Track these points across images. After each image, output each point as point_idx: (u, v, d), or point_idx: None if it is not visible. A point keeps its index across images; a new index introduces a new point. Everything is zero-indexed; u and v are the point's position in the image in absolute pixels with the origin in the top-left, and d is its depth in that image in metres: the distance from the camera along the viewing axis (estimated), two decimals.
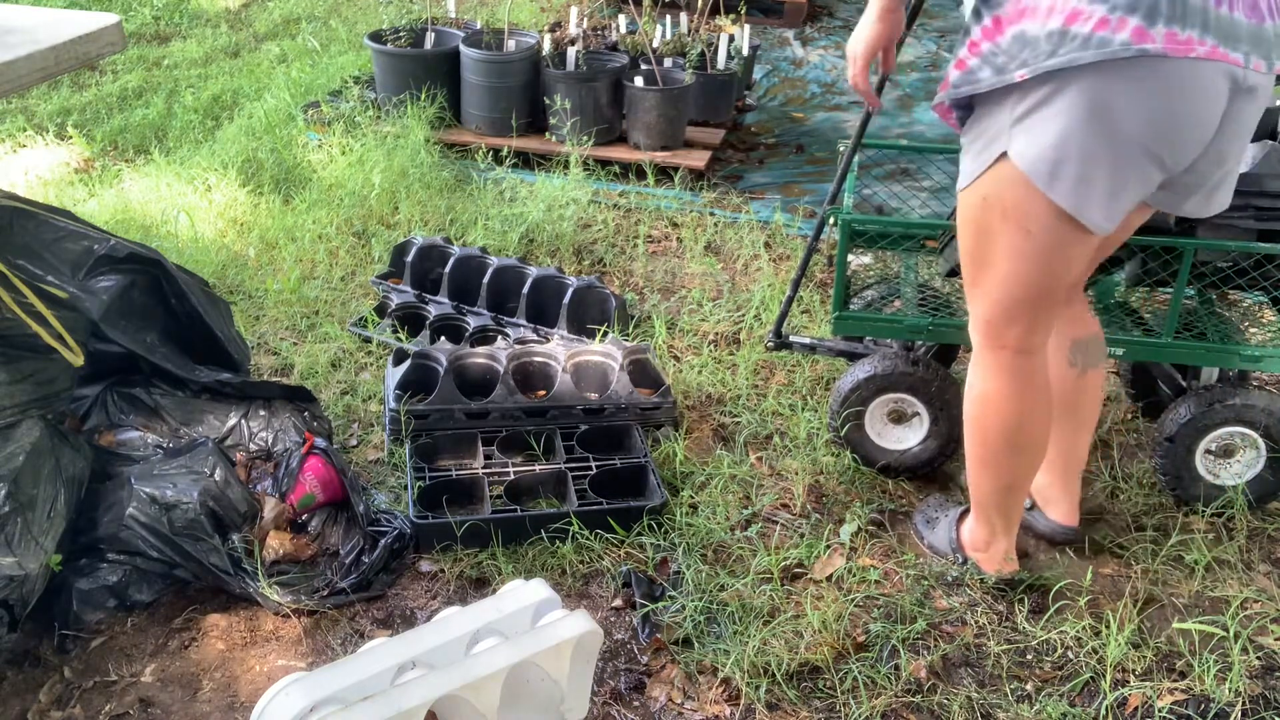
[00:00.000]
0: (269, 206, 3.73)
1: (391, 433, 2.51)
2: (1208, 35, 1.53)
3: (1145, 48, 1.52)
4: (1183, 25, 1.52)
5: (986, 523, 2.15)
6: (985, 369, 1.95)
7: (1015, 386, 1.93)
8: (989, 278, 1.84)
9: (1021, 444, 2.00)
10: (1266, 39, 1.58)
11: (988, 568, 2.18)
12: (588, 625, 1.67)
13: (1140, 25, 1.52)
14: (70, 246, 2.17)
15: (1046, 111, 1.61)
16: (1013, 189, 1.70)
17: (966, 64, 1.69)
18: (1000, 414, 1.96)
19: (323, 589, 2.13)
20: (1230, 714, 1.93)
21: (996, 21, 1.64)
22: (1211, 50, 1.53)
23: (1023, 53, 1.59)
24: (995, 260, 1.81)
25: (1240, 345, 2.31)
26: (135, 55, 5.44)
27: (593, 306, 3.04)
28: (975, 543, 2.19)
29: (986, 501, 2.11)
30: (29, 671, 1.96)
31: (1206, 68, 1.54)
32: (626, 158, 4.12)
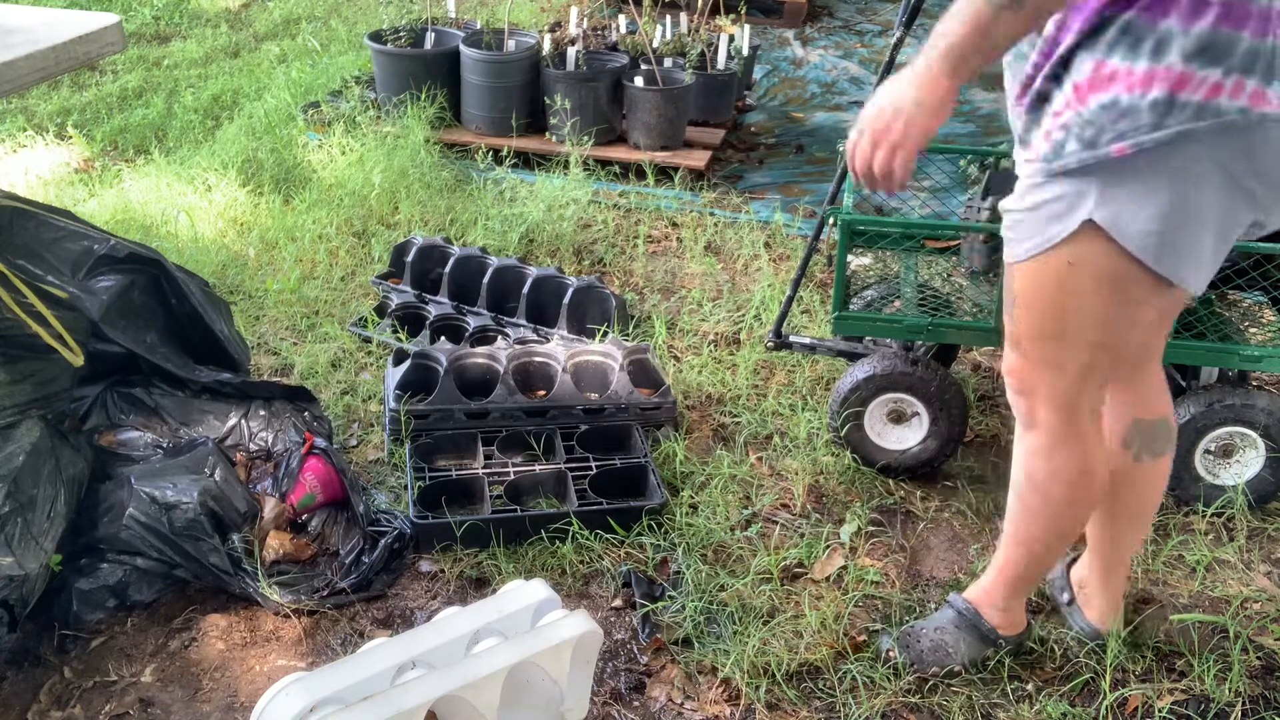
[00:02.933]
0: (269, 206, 3.73)
1: (391, 433, 2.51)
2: None
3: (1266, 112, 1.38)
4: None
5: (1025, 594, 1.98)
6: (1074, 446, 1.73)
7: (1101, 450, 1.77)
8: (1071, 350, 1.64)
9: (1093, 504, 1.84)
10: None
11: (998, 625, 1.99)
12: (588, 625, 1.67)
13: (1259, 87, 1.37)
14: (70, 246, 2.17)
15: (1150, 182, 1.45)
16: (1107, 260, 1.52)
17: (1051, 136, 1.50)
18: (1100, 483, 1.78)
19: (323, 589, 2.13)
20: (1230, 714, 1.93)
21: (1077, 89, 1.46)
22: None
23: (1119, 123, 1.42)
24: (1081, 332, 1.61)
25: (1240, 345, 2.31)
26: (135, 55, 5.44)
27: (593, 306, 3.04)
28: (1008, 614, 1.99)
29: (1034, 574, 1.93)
30: (29, 671, 1.96)
31: None
32: (626, 158, 4.12)
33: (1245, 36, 1.36)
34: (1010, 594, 1.97)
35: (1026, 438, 1.78)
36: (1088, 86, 1.44)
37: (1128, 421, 1.86)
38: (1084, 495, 1.79)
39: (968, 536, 2.36)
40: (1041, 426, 1.74)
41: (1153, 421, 1.86)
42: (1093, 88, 1.44)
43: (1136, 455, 1.87)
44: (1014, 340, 1.71)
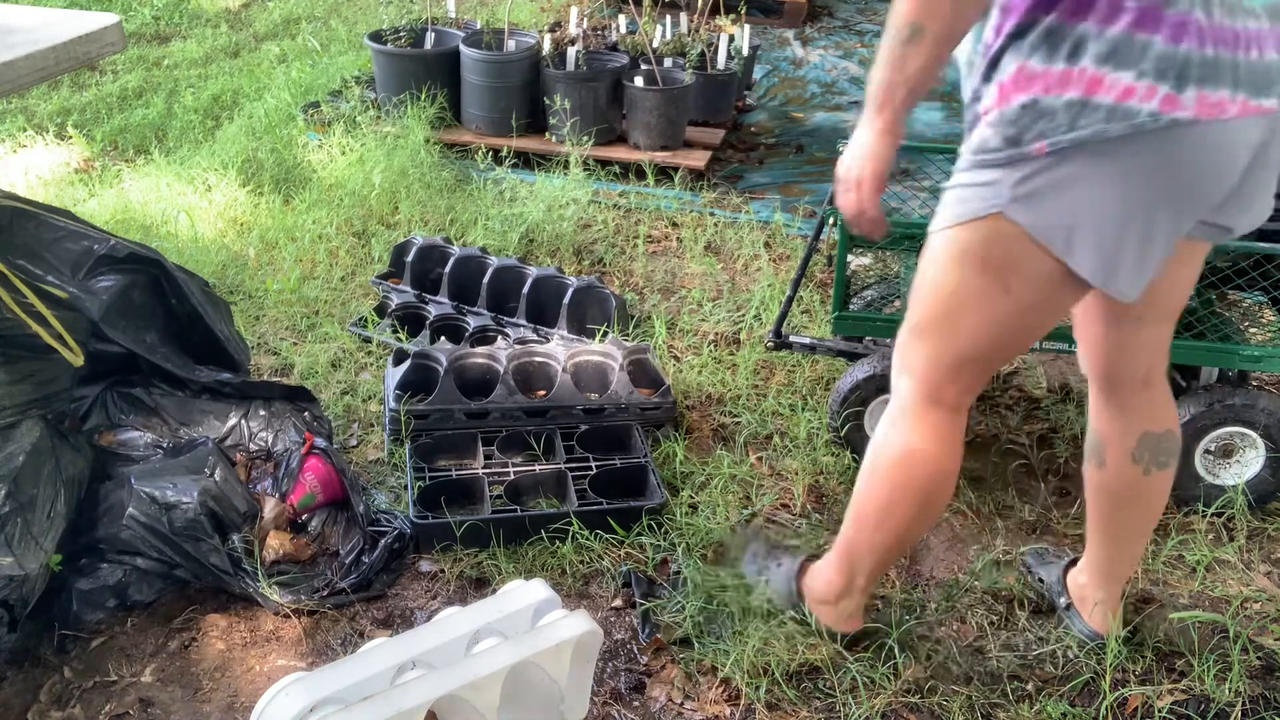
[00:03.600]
0: (269, 206, 3.73)
1: (391, 433, 2.51)
2: (1239, 91, 1.41)
3: (1176, 116, 1.40)
4: (1215, 85, 1.40)
5: (849, 576, 1.95)
6: (914, 424, 1.75)
7: (944, 446, 1.75)
8: (945, 329, 1.67)
9: (934, 505, 1.82)
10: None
11: (830, 624, 2.01)
12: (588, 625, 1.67)
13: (1170, 93, 1.39)
14: (70, 246, 2.17)
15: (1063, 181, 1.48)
16: (1004, 244, 1.55)
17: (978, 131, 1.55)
18: (924, 473, 1.77)
19: (323, 589, 2.13)
20: (1230, 714, 1.93)
21: (1002, 89, 1.50)
22: (1243, 106, 1.42)
23: (1038, 123, 1.46)
24: (957, 313, 1.64)
25: (1240, 345, 2.31)
26: (135, 55, 5.44)
27: (593, 306, 3.04)
28: (827, 595, 2.00)
29: (865, 556, 1.90)
30: (29, 671, 1.96)
31: (1238, 124, 1.43)
32: (626, 158, 4.12)
33: (1158, 42, 1.39)
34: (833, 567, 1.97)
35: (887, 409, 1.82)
36: (1011, 86, 1.49)
37: (1138, 435, 1.85)
38: (902, 478, 1.79)
39: (967, 537, 2.36)
40: (899, 397, 1.78)
41: (1159, 434, 1.86)
42: (1016, 88, 1.48)
43: (1146, 469, 1.86)
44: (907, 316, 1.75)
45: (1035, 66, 1.46)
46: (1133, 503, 1.91)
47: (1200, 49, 1.39)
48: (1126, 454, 1.85)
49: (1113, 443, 1.86)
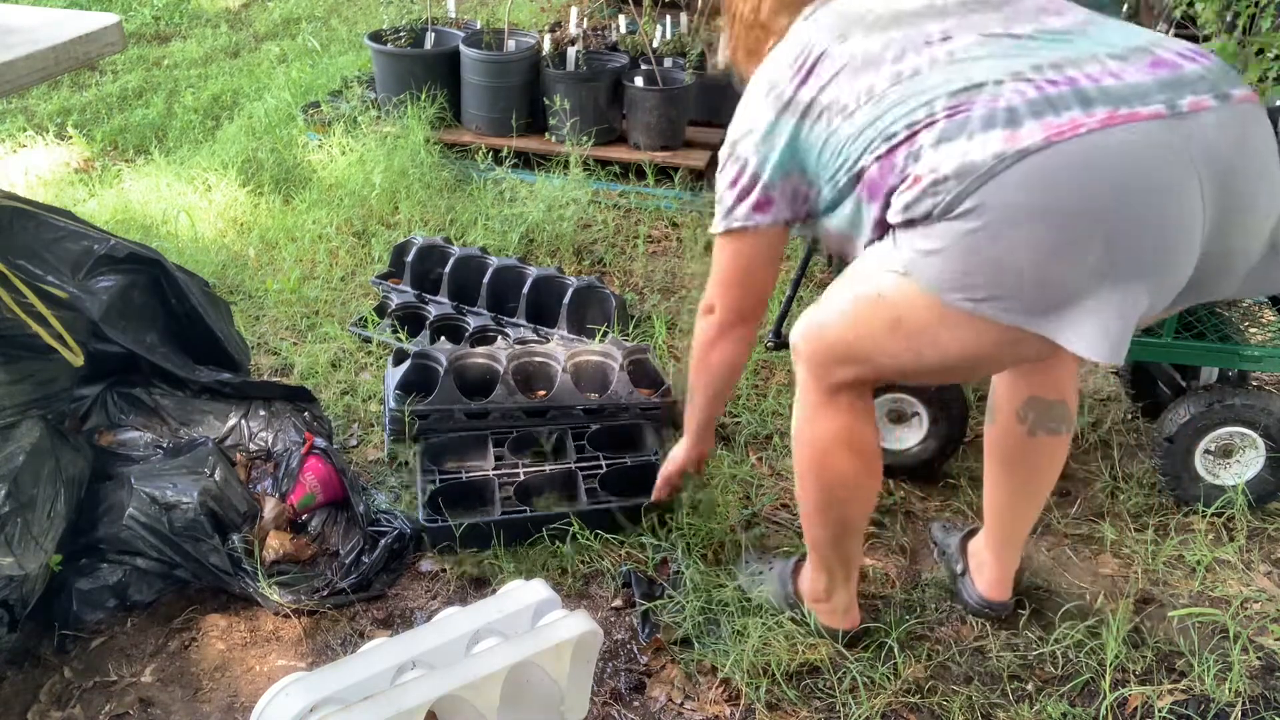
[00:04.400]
0: (269, 206, 3.73)
1: (392, 432, 2.51)
2: (1096, 108, 1.36)
3: (1024, 147, 1.35)
4: (1057, 113, 1.36)
5: (826, 571, 1.96)
6: (814, 409, 1.73)
7: (849, 425, 1.73)
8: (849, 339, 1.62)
9: (856, 486, 1.80)
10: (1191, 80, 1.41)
11: (829, 622, 2.02)
12: (588, 625, 1.67)
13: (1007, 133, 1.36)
14: (70, 246, 2.17)
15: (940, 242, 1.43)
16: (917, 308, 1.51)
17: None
18: (834, 456, 1.75)
19: (323, 589, 2.13)
20: (1230, 714, 1.93)
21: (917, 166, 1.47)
22: (1109, 117, 1.35)
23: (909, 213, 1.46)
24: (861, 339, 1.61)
25: (1240, 345, 2.31)
26: (135, 55, 5.44)
27: (593, 306, 3.04)
28: (815, 593, 2.01)
29: (824, 549, 1.92)
30: (29, 671, 1.96)
31: (1122, 135, 1.35)
32: (626, 158, 4.12)
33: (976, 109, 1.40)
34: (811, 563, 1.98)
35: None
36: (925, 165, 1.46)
37: (1025, 397, 1.87)
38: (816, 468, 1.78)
39: None
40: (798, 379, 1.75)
41: (1050, 401, 1.86)
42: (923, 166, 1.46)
43: (1031, 429, 1.88)
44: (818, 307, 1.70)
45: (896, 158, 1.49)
46: (1018, 462, 1.94)
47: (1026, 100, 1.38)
48: (1013, 412, 1.89)
49: (1003, 401, 1.90)
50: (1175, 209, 1.38)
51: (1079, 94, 1.38)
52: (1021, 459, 1.94)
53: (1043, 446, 1.91)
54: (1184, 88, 1.40)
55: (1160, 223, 1.38)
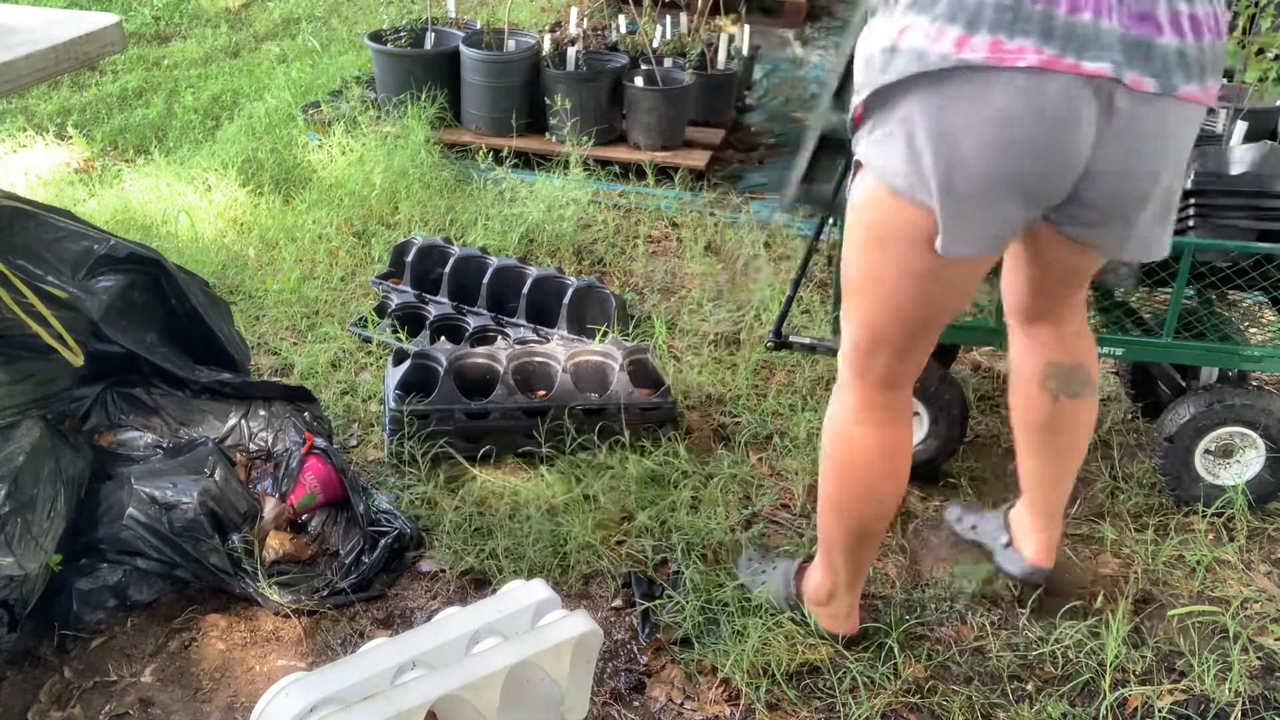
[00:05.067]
0: (269, 206, 3.73)
1: (392, 432, 2.51)
2: (1048, 44, 1.37)
3: (964, 58, 1.38)
4: (1010, 34, 1.37)
5: (831, 573, 1.95)
6: (847, 402, 1.78)
7: (879, 427, 1.76)
8: (854, 300, 1.70)
9: (881, 490, 1.81)
10: (1159, 54, 1.40)
11: (827, 625, 2.01)
12: (588, 625, 1.67)
13: (961, 34, 1.39)
14: (70, 246, 2.17)
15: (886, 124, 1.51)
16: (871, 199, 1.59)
17: None
18: (862, 453, 1.77)
19: (323, 589, 2.13)
20: (1230, 714, 1.93)
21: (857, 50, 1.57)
22: (1050, 59, 1.37)
23: (867, 74, 1.51)
24: (859, 281, 1.68)
25: (1240, 345, 2.31)
26: (135, 55, 5.44)
27: (593, 306, 3.04)
28: (818, 595, 2.00)
29: (835, 549, 1.90)
30: (29, 671, 1.96)
31: (1046, 79, 1.38)
32: (626, 158, 4.12)
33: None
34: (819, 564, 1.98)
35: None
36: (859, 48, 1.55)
37: (1042, 362, 1.92)
38: (844, 465, 1.80)
39: None
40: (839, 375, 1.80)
41: (1069, 365, 1.91)
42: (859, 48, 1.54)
43: (1054, 395, 1.92)
44: None
45: (875, 23, 1.52)
46: (1047, 429, 1.97)
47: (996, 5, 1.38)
48: (1035, 380, 1.93)
49: (1023, 371, 1.95)
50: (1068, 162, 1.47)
51: (1046, 20, 1.37)
52: (1049, 425, 1.96)
53: (1068, 411, 1.94)
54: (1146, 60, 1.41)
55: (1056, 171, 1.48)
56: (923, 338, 1.73)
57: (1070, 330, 1.92)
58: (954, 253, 1.53)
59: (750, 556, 2.20)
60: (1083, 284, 1.88)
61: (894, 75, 1.45)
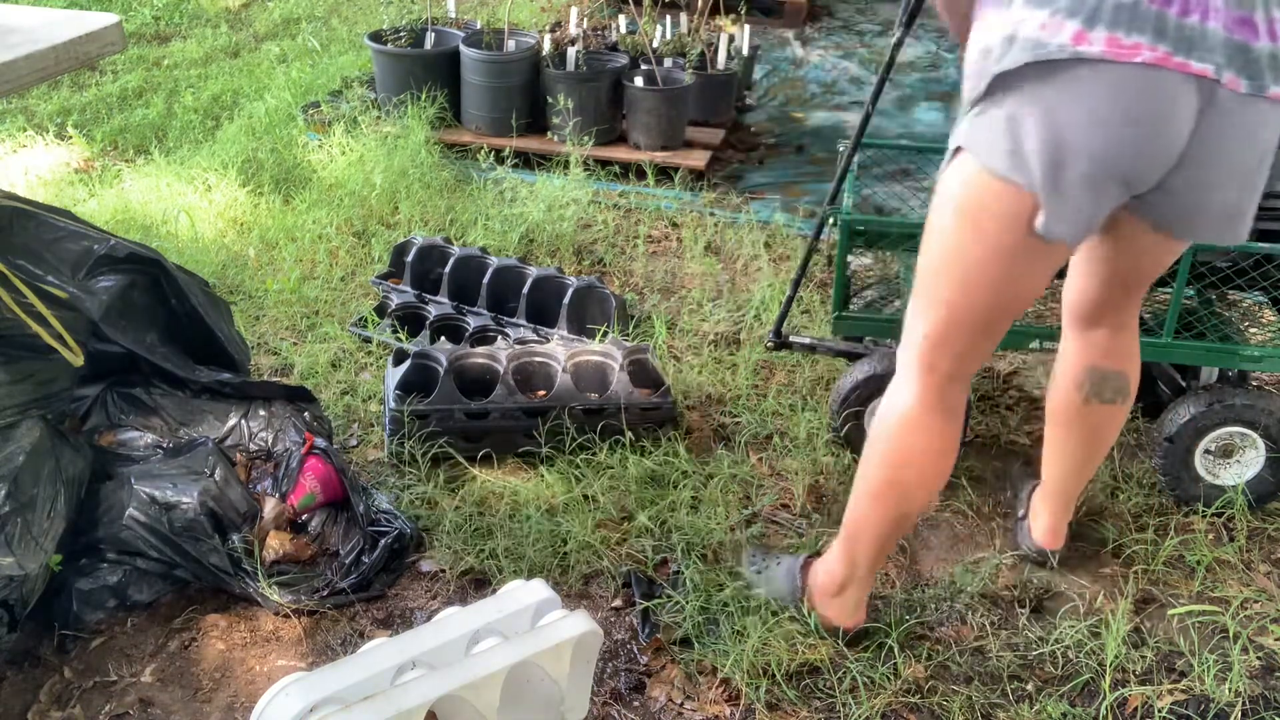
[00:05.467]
0: (269, 206, 3.73)
1: (392, 432, 2.51)
2: (1161, 42, 1.45)
3: (1080, 50, 1.46)
4: (1128, 31, 1.45)
5: (850, 563, 1.96)
6: (909, 387, 1.80)
7: (933, 413, 1.79)
8: (937, 288, 1.73)
9: (929, 477, 1.84)
10: (1255, 57, 1.48)
11: (834, 617, 2.02)
12: (588, 625, 1.67)
13: (1080, 29, 1.46)
14: (70, 246, 2.17)
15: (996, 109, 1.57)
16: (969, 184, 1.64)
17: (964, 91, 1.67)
18: (919, 442, 1.80)
19: (323, 589, 2.13)
20: (1230, 714, 1.93)
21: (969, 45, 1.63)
22: (1163, 57, 1.45)
23: (984, 63, 1.56)
24: (946, 268, 1.71)
25: (1240, 345, 2.31)
26: (135, 55, 5.44)
27: (593, 306, 3.04)
28: (829, 586, 2.01)
29: (864, 537, 1.92)
30: (29, 671, 1.96)
31: (1157, 75, 1.46)
32: (626, 158, 4.12)
33: None
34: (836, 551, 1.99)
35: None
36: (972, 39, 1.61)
37: (1084, 366, 2.00)
38: (897, 447, 1.82)
39: (968, 536, 2.36)
40: (900, 365, 1.84)
41: (1107, 370, 1.99)
42: (974, 39, 1.61)
43: (1086, 399, 2.02)
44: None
45: (989, 14, 1.57)
46: (1074, 427, 2.07)
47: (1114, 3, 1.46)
48: (1073, 380, 2.02)
49: (1066, 369, 2.03)
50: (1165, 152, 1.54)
51: (1160, 20, 1.45)
52: (1078, 424, 2.06)
53: (1097, 414, 2.03)
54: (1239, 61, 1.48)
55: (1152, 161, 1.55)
56: (996, 329, 1.77)
57: (1124, 338, 1.99)
58: (1055, 234, 1.59)
59: (753, 553, 2.21)
60: (1147, 282, 1.93)
61: (1010, 63, 1.51)
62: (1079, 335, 2.01)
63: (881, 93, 2.27)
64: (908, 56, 5.64)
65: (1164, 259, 1.85)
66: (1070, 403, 2.04)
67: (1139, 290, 1.94)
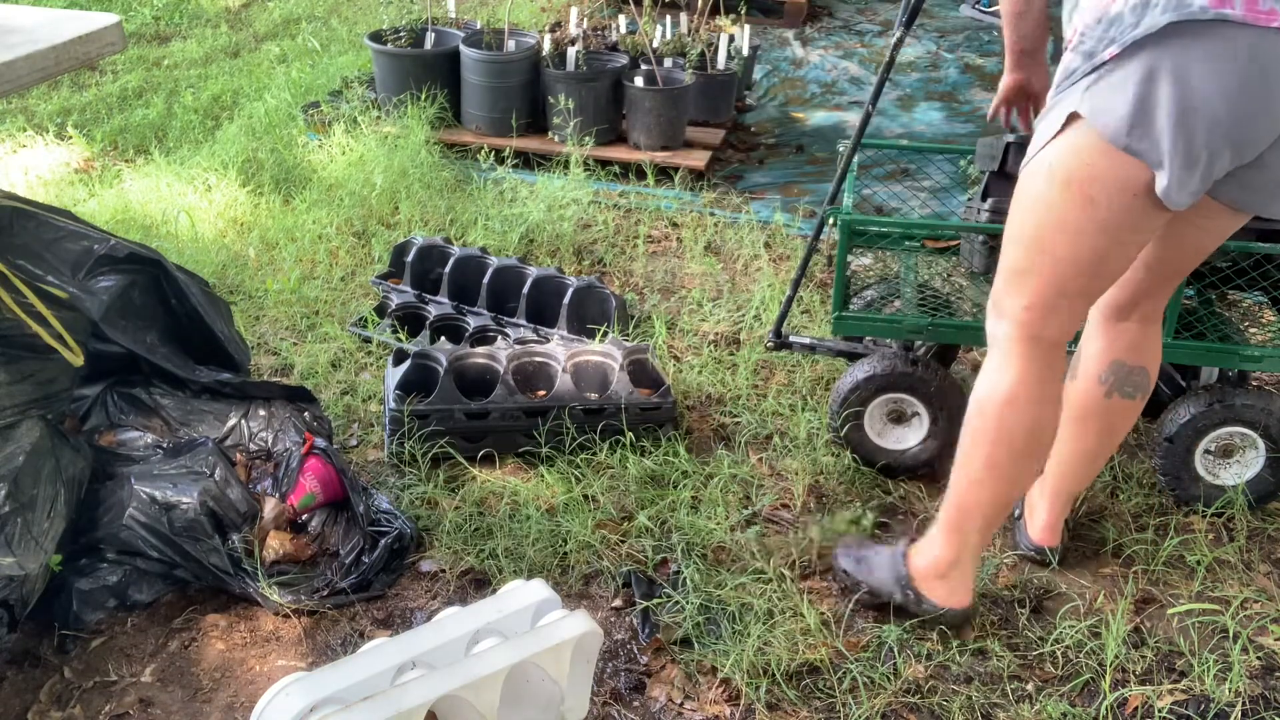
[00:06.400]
0: (269, 206, 3.73)
1: (392, 432, 2.51)
2: None
3: (1224, 13, 1.47)
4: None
5: (958, 544, 1.97)
6: (1014, 362, 1.81)
7: (1045, 382, 1.82)
8: (1039, 260, 1.74)
9: (1041, 445, 1.89)
10: None
11: (943, 600, 2.02)
12: (588, 625, 1.67)
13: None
14: (70, 246, 2.17)
15: (1123, 73, 1.56)
16: (1081, 153, 1.64)
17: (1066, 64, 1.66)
18: (1028, 412, 1.82)
19: (323, 589, 2.13)
20: (1230, 714, 1.93)
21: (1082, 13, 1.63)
22: None
23: (1110, 31, 1.56)
24: (1050, 238, 1.72)
25: (1240, 345, 2.31)
26: (135, 55, 5.44)
27: (593, 306, 3.04)
28: (937, 566, 2.01)
29: (974, 514, 1.93)
30: (29, 671, 1.96)
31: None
32: (627, 158, 4.12)
33: None
34: (940, 538, 2.00)
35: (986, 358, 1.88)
36: (1089, 7, 1.61)
37: (1109, 361, 2.03)
38: (1009, 422, 1.83)
39: None
40: (998, 344, 1.84)
41: (1131, 366, 2.03)
42: (1092, 7, 1.61)
43: (1109, 392, 2.04)
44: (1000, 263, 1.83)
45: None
46: (1091, 420, 2.07)
47: None
48: (1095, 374, 2.05)
49: (1089, 361, 2.05)
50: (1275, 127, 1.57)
51: None
52: (1095, 417, 2.07)
53: (1116, 408, 2.06)
54: None
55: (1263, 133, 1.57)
56: (1097, 293, 1.80)
57: (1151, 332, 2.04)
58: (1178, 201, 1.60)
59: (848, 545, 2.20)
60: (1192, 267, 1.95)
61: (1150, 25, 1.51)
62: (1108, 328, 2.02)
63: (881, 93, 2.27)
64: (908, 56, 5.64)
65: (1219, 240, 1.86)
66: (1092, 397, 2.05)
67: (1179, 277, 1.97)
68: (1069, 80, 1.65)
